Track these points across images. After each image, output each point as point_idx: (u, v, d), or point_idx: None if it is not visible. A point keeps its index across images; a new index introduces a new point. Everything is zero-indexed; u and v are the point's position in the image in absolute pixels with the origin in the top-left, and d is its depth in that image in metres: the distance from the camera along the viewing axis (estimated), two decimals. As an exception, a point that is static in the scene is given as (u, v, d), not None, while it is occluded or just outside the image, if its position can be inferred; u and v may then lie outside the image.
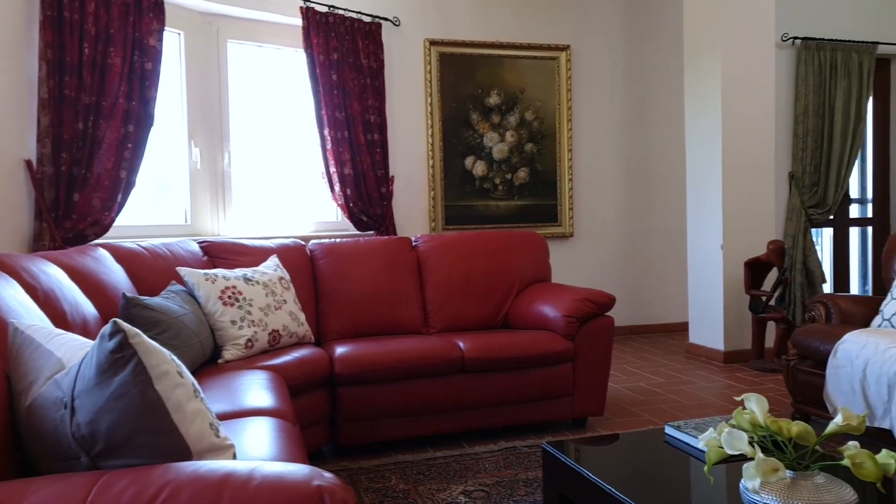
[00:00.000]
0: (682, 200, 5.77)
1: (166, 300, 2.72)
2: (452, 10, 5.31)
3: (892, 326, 3.27)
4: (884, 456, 1.62)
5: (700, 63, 4.87)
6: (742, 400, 1.88)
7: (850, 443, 1.70)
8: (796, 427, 1.78)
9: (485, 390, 3.22)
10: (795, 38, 5.73)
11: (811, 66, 5.76)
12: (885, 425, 2.88)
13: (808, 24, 5.79)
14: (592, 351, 3.40)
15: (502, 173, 5.47)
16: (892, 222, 6.30)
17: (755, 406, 1.87)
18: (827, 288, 6.17)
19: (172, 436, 1.17)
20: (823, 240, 6.37)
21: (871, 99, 6.09)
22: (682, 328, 5.84)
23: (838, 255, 6.28)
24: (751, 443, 1.71)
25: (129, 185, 3.74)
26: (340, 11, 4.76)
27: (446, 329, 3.63)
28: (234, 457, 1.31)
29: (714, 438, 1.77)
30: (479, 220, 5.42)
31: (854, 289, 6.39)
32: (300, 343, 3.19)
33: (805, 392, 3.35)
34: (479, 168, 5.40)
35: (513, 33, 5.47)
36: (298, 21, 4.62)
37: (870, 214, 6.37)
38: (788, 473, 1.68)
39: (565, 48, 5.56)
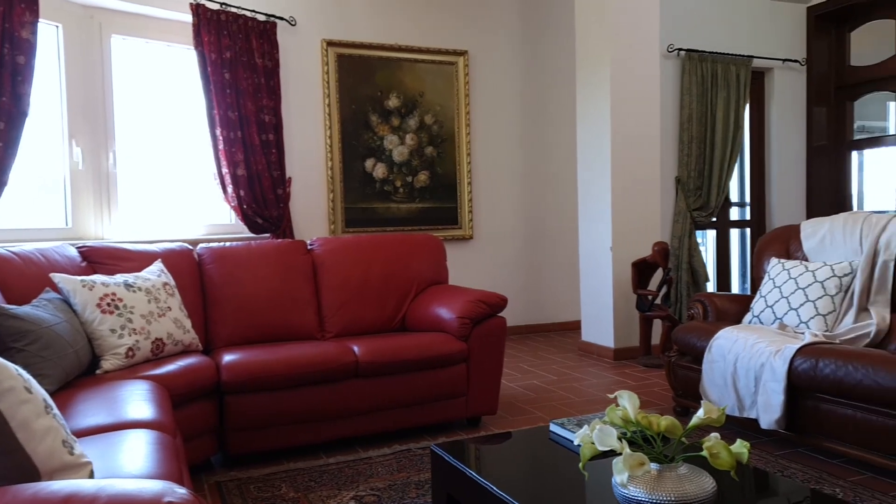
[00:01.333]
0: (575, 203, 5.97)
1: (36, 309, 2.57)
2: (350, 11, 5.28)
3: (761, 322, 3.51)
4: (737, 446, 1.73)
5: (591, 72, 5.05)
6: (616, 397, 1.98)
7: (712, 435, 1.81)
8: (665, 421, 1.88)
9: (379, 394, 3.22)
10: (680, 49, 6.04)
11: (694, 76, 6.09)
12: (753, 415, 3.08)
13: (691, 36, 6.11)
14: (485, 351, 3.46)
15: (403, 176, 5.48)
16: (767, 224, 6.74)
17: (627, 403, 1.96)
18: (711, 286, 6.53)
19: (17, 456, 1.10)
20: (708, 241, 6.75)
21: (748, 108, 6.50)
22: (577, 327, 6.04)
23: (721, 256, 6.66)
24: (620, 438, 1.80)
25: (1, 184, 3.50)
26: (233, 9, 4.64)
27: (342, 333, 3.61)
28: (92, 475, 1.25)
29: (588, 435, 1.84)
30: (381, 222, 5.41)
31: (735, 287, 6.79)
32: (186, 351, 3.09)
33: (685, 386, 3.54)
34: (380, 170, 5.40)
35: (412, 37, 5.49)
36: (189, 17, 4.47)
37: (748, 217, 6.79)
38: (654, 466, 1.76)
39: (463, 53, 5.64)
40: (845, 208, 6.72)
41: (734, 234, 6.76)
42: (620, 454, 1.75)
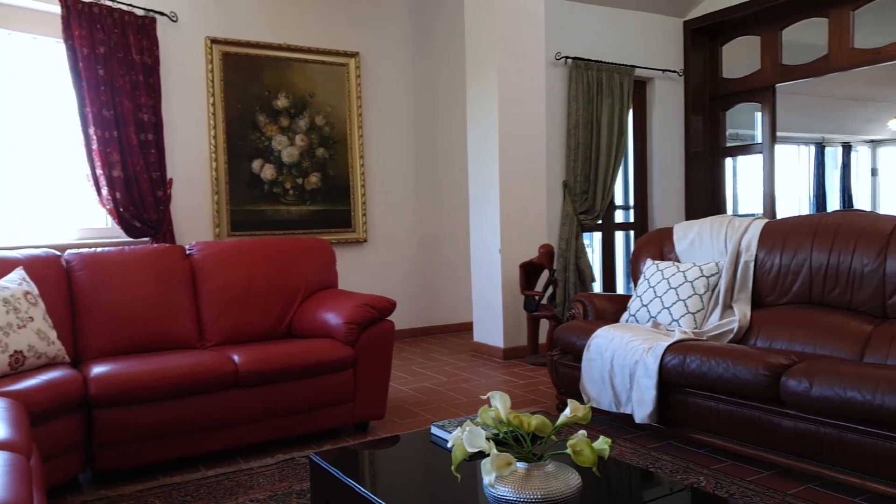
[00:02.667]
0: (468, 206, 6.05)
1: None
2: (236, 8, 5.13)
3: (637, 321, 3.67)
4: (600, 443, 1.80)
5: (479, 77, 5.13)
6: (489, 398, 2.01)
7: (579, 432, 1.87)
8: (535, 420, 1.93)
9: (262, 403, 3.13)
10: (567, 57, 6.24)
11: (581, 84, 6.30)
12: (629, 410, 3.22)
13: (578, 45, 6.33)
14: (373, 356, 3.44)
15: (293, 178, 5.38)
16: (649, 226, 7.07)
17: (499, 403, 1.99)
18: (597, 286, 6.78)
19: None
20: (595, 242, 7.01)
21: (631, 115, 6.80)
22: (470, 328, 6.11)
23: (606, 257, 6.93)
24: (489, 439, 1.83)
25: None
26: (107, 2, 4.40)
27: (224, 342, 3.49)
28: None
29: (459, 437, 1.87)
30: (270, 225, 5.28)
31: (620, 287, 7.09)
32: (51, 364, 2.90)
33: (567, 384, 3.65)
34: (268, 172, 5.27)
35: (302, 37, 5.40)
36: (57, 9, 4.21)
37: (632, 219, 7.10)
38: (522, 465, 1.81)
39: (354, 55, 5.60)
40: (720, 211, 7.14)
41: (619, 236, 7.05)
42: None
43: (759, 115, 6.84)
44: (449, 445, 1.90)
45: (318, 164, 5.49)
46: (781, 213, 7.70)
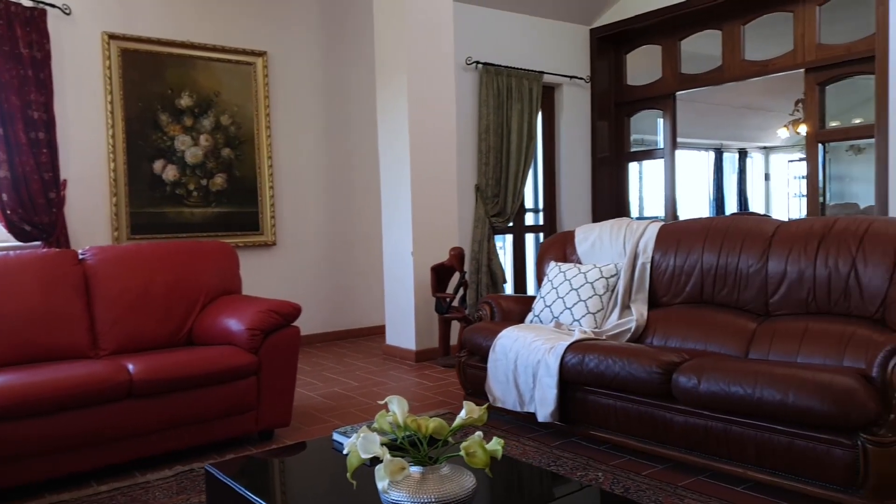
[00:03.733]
0: (380, 208, 6.03)
1: None
2: (135, 2, 4.93)
3: (541, 321, 3.75)
4: (493, 444, 1.82)
5: (389, 80, 5.13)
6: (386, 403, 2.01)
7: (476, 434, 1.89)
8: (433, 424, 1.94)
9: (160, 414, 3.02)
10: (478, 62, 6.32)
11: (491, 88, 6.40)
12: (532, 409, 3.28)
13: (488, 50, 6.42)
14: (278, 362, 3.38)
15: (197, 179, 5.21)
16: (558, 229, 7.25)
17: (396, 408, 2.00)
18: (508, 288, 6.89)
19: None
20: (507, 244, 7.12)
21: (540, 120, 6.96)
22: (383, 331, 6.10)
23: (518, 259, 7.06)
24: (383, 445, 1.83)
25: None
26: (-9, -9, 4.15)
27: (119, 351, 3.34)
28: None
29: (354, 444, 1.86)
30: (173, 228, 5.10)
31: (531, 288, 7.23)
32: (-78, 379, 2.70)
33: (474, 385, 3.69)
34: (171, 172, 5.09)
35: (206, 34, 5.24)
36: (-67, -4, 3.94)
37: (542, 222, 7.26)
38: (417, 469, 1.82)
39: (262, 54, 5.49)
40: (625, 214, 7.40)
41: (530, 238, 7.19)
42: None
43: (660, 121, 7.13)
44: (344, 452, 1.89)
45: (224, 165, 5.34)
46: (684, 216, 8.07)
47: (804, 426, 2.38)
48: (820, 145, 5.87)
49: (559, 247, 4.08)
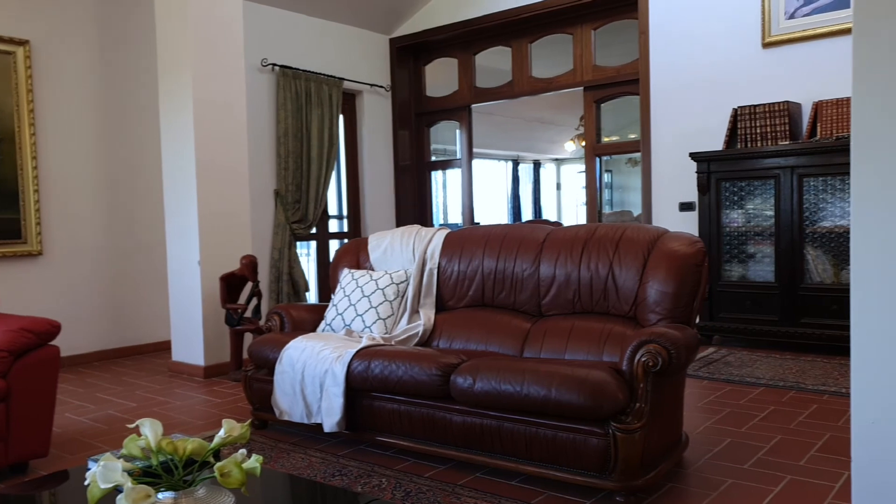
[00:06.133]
0: (164, 215, 5.65)
1: None
2: None
3: (333, 330, 3.71)
4: (251, 462, 1.74)
5: (173, 80, 4.82)
6: (137, 426, 1.85)
7: (240, 451, 1.80)
8: (191, 445, 1.82)
9: None
10: (274, 64, 6.15)
11: (289, 92, 6.26)
12: (319, 420, 3.22)
13: (286, 53, 6.27)
14: (32, 387, 3.01)
15: (-59, 181, 4.55)
16: (363, 235, 7.25)
17: (148, 431, 1.85)
18: (312, 296, 6.77)
19: None
20: (311, 251, 6.99)
21: (342, 127, 6.92)
22: (169, 346, 5.71)
23: (322, 266, 6.96)
24: (128, 472, 1.68)
25: None
26: None
27: None
28: None
29: (94, 473, 1.69)
30: None
31: (334, 295, 7.15)
32: None
33: (262, 399, 3.55)
34: None
35: (-49, 15, 4.60)
36: None
37: (346, 229, 7.23)
38: (169, 495, 1.69)
39: (23, 43, 4.91)
40: (427, 220, 7.58)
41: (333, 245, 7.12)
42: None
43: (458, 132, 7.40)
44: (85, 483, 1.71)
45: (-23, 166, 4.71)
46: (484, 223, 8.43)
47: (566, 419, 2.55)
48: (597, 158, 6.41)
49: (353, 254, 4.06)
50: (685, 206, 5.53)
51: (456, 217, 8.60)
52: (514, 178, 11.53)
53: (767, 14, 5.12)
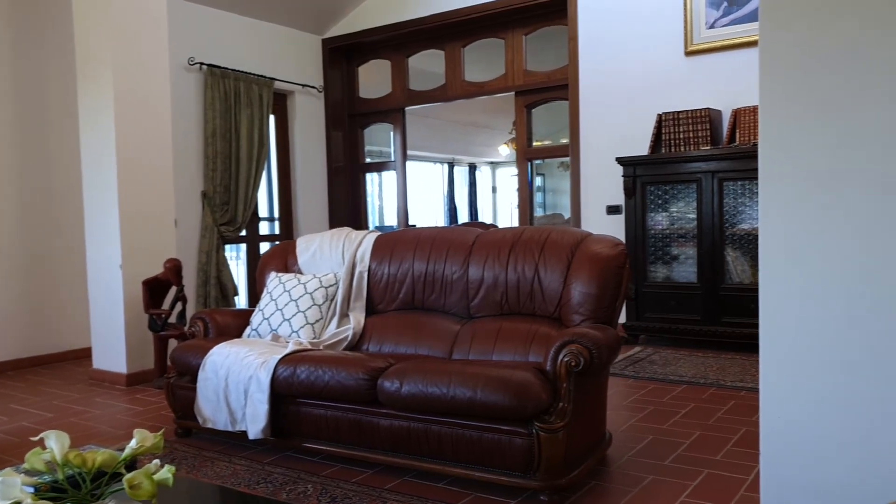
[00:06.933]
0: (83, 217, 5.44)
1: None
2: None
3: (259, 335, 3.63)
4: (163, 473, 1.69)
5: (93, 78, 4.63)
6: (42, 439, 1.77)
7: (153, 461, 1.74)
8: (101, 457, 1.75)
9: None
10: (202, 63, 6.00)
11: (217, 91, 6.11)
12: (244, 428, 3.15)
13: (214, 52, 6.12)
14: (-67, 399, 2.85)
15: None
16: (296, 238, 7.14)
17: (54, 444, 1.77)
18: (242, 300, 6.63)
19: None
20: (242, 255, 6.84)
21: (273, 127, 6.81)
22: (90, 354, 5.49)
23: (252, 269, 6.82)
24: (34, 486, 1.61)
25: None
26: None
27: None
28: None
29: (-8, 490, 1.60)
30: None
31: (266, 299, 7.01)
32: None
33: (185, 407, 3.45)
34: None
35: None
36: None
37: (278, 231, 7.10)
38: (73, 510, 1.62)
39: (-72, 34, 4.65)
40: (362, 223, 7.53)
41: (265, 247, 6.99)
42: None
43: (392, 134, 7.38)
44: (-18, 501, 1.63)
45: None
46: (420, 225, 8.42)
47: (491, 420, 2.57)
48: (529, 162, 6.49)
49: (281, 257, 3.99)
50: (612, 210, 5.67)
51: (392, 219, 8.56)
52: (450, 181, 11.58)
53: (689, 23, 5.30)
